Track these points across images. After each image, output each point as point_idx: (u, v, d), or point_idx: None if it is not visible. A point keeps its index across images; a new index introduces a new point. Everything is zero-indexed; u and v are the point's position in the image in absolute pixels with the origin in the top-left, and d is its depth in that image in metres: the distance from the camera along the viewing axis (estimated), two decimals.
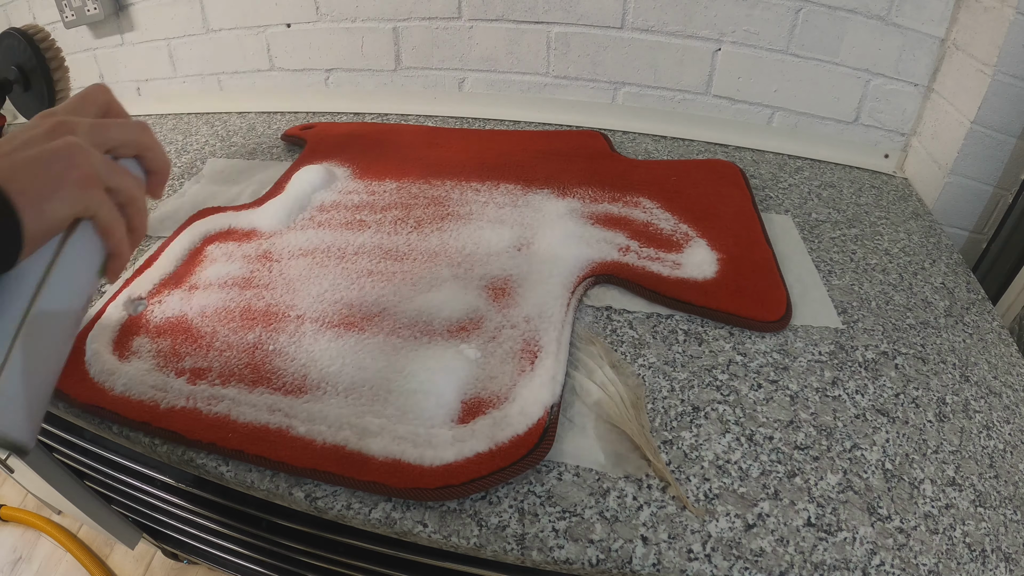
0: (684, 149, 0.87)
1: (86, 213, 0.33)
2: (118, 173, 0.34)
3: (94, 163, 0.33)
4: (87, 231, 0.34)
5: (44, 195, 0.30)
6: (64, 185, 0.31)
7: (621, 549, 0.41)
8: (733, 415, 0.49)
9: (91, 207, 0.33)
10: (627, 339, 0.56)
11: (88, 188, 0.32)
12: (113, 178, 0.34)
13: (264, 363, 0.51)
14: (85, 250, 0.34)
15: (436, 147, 0.84)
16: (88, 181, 0.32)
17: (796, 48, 0.81)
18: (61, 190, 0.31)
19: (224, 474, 0.46)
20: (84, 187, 0.32)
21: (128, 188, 0.35)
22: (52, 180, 0.31)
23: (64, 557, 1.09)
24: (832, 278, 0.64)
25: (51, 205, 0.30)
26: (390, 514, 0.42)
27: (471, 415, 0.47)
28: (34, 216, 0.30)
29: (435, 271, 0.61)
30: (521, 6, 0.87)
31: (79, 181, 0.32)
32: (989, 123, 0.70)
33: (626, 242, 0.64)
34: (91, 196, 0.32)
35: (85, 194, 0.32)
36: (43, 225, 0.30)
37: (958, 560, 0.41)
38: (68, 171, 0.31)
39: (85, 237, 0.34)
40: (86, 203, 0.32)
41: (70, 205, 0.31)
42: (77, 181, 0.31)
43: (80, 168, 0.32)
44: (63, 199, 0.31)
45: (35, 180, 0.30)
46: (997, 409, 0.51)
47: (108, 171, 0.33)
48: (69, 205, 0.31)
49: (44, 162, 0.31)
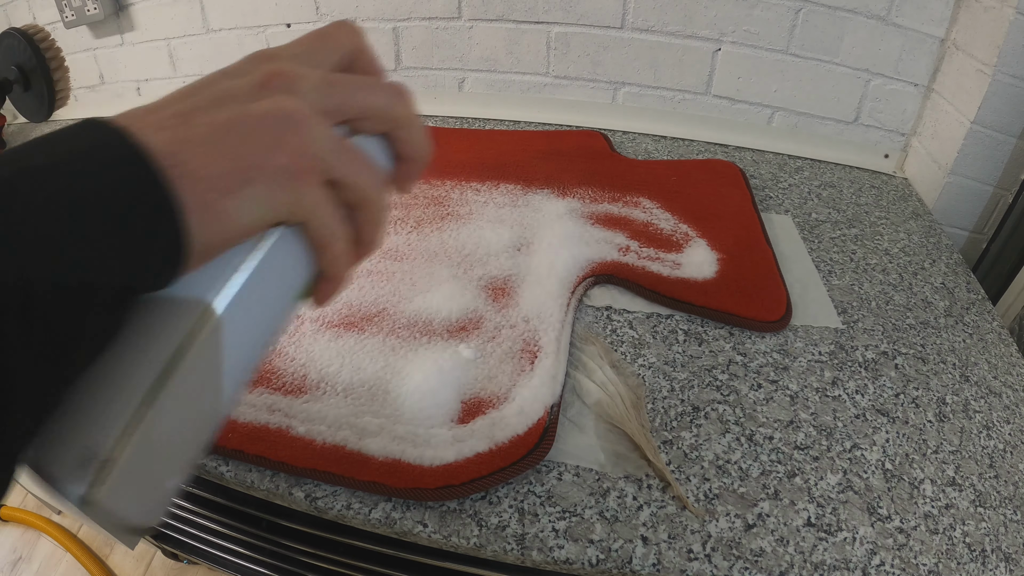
0: (684, 149, 0.87)
1: (292, 218, 0.21)
2: (350, 158, 0.22)
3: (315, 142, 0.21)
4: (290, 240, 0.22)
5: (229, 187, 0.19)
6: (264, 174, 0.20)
7: (621, 549, 0.40)
8: (733, 415, 0.49)
9: (302, 209, 0.21)
10: (627, 339, 0.56)
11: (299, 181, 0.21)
12: (342, 167, 0.22)
13: (263, 363, 0.52)
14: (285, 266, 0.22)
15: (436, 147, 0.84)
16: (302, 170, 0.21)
17: (796, 48, 0.81)
18: (257, 182, 0.20)
19: (224, 474, 0.46)
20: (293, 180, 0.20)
21: (362, 184, 0.22)
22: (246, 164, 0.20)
23: (64, 557, 1.09)
24: (832, 278, 0.64)
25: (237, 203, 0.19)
26: (390, 514, 0.42)
27: (471, 415, 0.47)
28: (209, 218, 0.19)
29: (434, 271, 0.61)
30: (521, 6, 0.87)
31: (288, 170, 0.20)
32: (989, 123, 0.70)
33: (626, 242, 0.64)
34: (303, 193, 0.21)
35: (293, 190, 0.21)
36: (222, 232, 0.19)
37: (958, 560, 0.41)
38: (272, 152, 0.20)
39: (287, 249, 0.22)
40: (295, 203, 0.21)
41: (268, 205, 0.20)
42: (285, 170, 0.20)
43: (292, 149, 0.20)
44: (258, 196, 0.20)
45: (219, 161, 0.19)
46: (997, 409, 0.51)
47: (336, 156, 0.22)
48: (267, 205, 0.20)
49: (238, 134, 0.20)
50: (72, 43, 1.04)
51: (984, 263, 0.71)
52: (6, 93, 0.86)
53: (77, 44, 1.05)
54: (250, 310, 0.22)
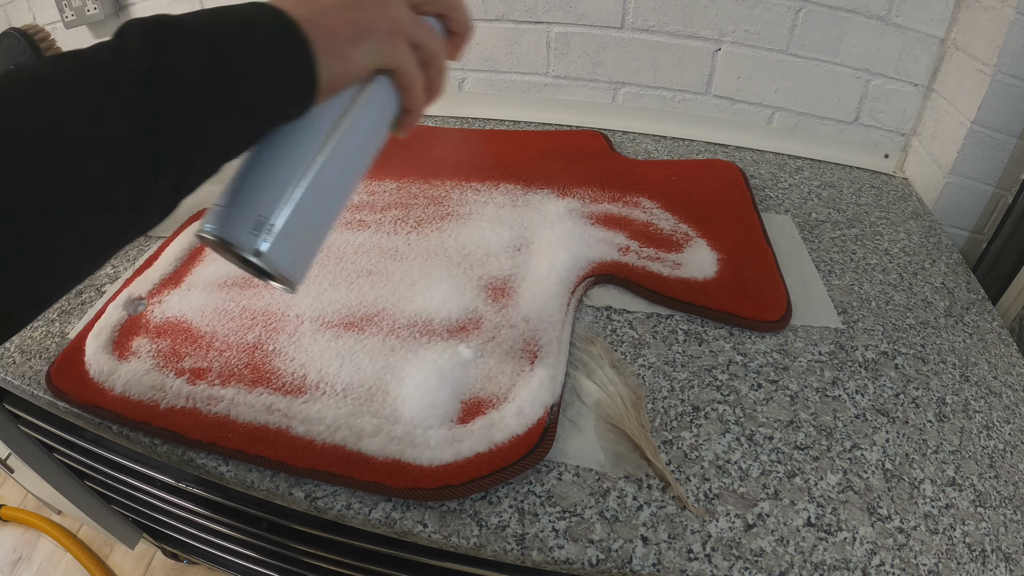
0: (684, 149, 0.87)
1: (389, 65, 0.32)
2: (425, 29, 0.33)
3: (405, 16, 0.32)
4: (385, 84, 0.33)
5: (351, 40, 0.29)
6: (372, 33, 0.30)
7: (621, 549, 0.40)
8: (733, 415, 0.49)
9: (396, 60, 0.32)
10: (627, 339, 0.56)
11: (395, 39, 0.31)
12: (419, 33, 0.32)
13: (263, 363, 0.51)
14: (382, 102, 0.33)
15: (436, 147, 0.84)
16: (396, 32, 0.31)
17: (796, 48, 0.81)
18: (369, 38, 0.30)
19: (224, 474, 0.46)
20: (392, 38, 0.31)
21: (432, 46, 0.33)
22: (361, 26, 0.30)
23: (64, 557, 1.09)
24: (832, 278, 0.64)
25: (356, 51, 0.30)
26: (390, 514, 0.42)
27: (471, 415, 0.47)
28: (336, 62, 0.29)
29: (434, 271, 0.61)
30: (521, 6, 0.87)
31: (388, 32, 0.31)
32: (989, 123, 0.70)
33: (626, 242, 0.64)
34: (397, 48, 0.31)
35: (392, 45, 0.31)
36: (345, 71, 0.30)
37: (958, 560, 0.41)
38: (378, 20, 0.30)
39: (383, 89, 0.33)
40: (392, 55, 0.31)
41: (376, 55, 0.31)
42: (386, 31, 0.31)
43: (390, 18, 0.31)
44: (369, 47, 0.30)
45: (344, 24, 0.29)
46: (997, 409, 0.51)
47: (415, 25, 0.32)
48: (375, 54, 0.30)
49: (355, 7, 0.30)
50: (72, 43, 1.04)
51: (984, 263, 0.71)
52: None
53: (77, 44, 1.05)
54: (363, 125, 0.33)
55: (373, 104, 0.33)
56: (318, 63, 0.28)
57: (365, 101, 0.32)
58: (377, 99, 0.33)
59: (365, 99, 0.32)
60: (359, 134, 0.33)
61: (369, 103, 0.32)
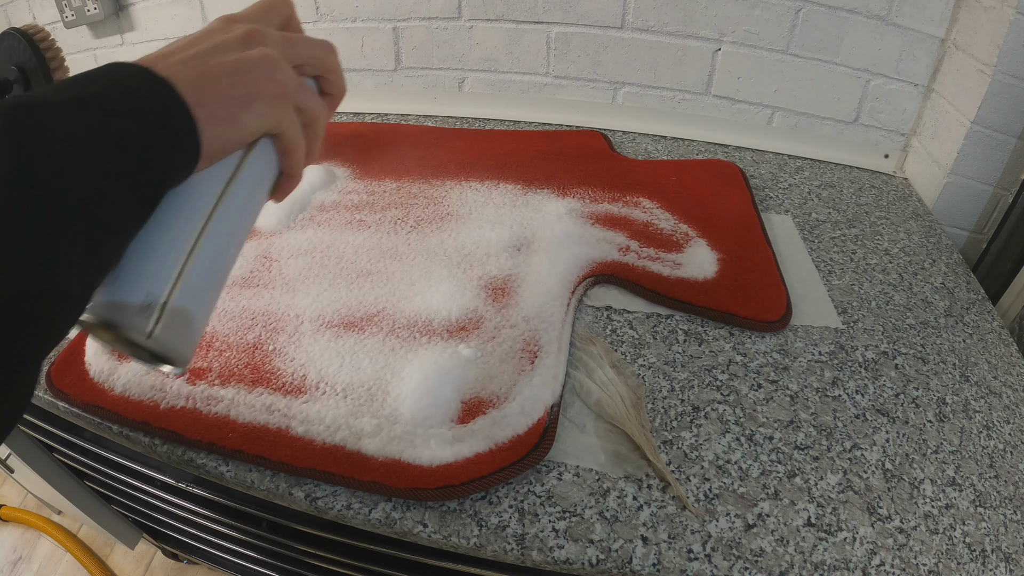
0: (684, 149, 0.87)
1: (274, 130, 0.31)
2: (309, 92, 0.32)
3: (290, 79, 0.31)
4: (267, 148, 0.32)
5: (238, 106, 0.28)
6: (259, 99, 0.29)
7: (621, 549, 0.40)
8: (733, 415, 0.49)
9: (281, 124, 0.31)
10: (627, 339, 0.56)
11: (281, 104, 0.30)
12: (301, 96, 0.32)
13: (263, 363, 0.51)
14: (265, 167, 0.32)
15: (436, 147, 0.84)
16: (282, 97, 0.30)
17: (796, 48, 0.81)
18: (256, 103, 0.29)
19: (224, 474, 0.46)
20: (279, 102, 0.30)
21: (314, 109, 0.33)
22: (248, 92, 0.29)
23: (64, 557, 1.09)
24: (832, 278, 0.64)
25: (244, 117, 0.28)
26: (390, 514, 0.42)
27: (471, 415, 0.47)
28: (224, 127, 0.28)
29: (434, 271, 0.61)
30: (521, 6, 0.87)
31: (275, 96, 0.30)
32: (989, 123, 0.70)
33: (626, 242, 0.64)
34: (283, 113, 0.31)
35: (278, 110, 0.30)
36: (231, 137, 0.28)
37: (958, 560, 0.41)
38: (265, 84, 0.29)
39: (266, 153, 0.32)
40: (277, 119, 0.30)
41: (262, 120, 0.30)
42: (273, 96, 0.30)
43: (276, 83, 0.30)
44: (256, 113, 0.29)
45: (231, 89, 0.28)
46: (997, 409, 0.51)
47: (300, 89, 0.32)
48: (261, 120, 0.29)
49: (243, 71, 0.29)
50: (72, 43, 1.04)
51: (984, 263, 0.71)
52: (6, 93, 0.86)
53: (77, 44, 1.05)
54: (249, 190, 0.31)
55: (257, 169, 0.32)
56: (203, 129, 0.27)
57: (250, 166, 0.31)
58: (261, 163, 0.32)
59: (250, 164, 0.31)
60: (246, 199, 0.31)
61: (254, 168, 0.31)
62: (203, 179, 0.29)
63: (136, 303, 0.27)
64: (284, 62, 0.31)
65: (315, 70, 0.34)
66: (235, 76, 0.28)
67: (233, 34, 0.30)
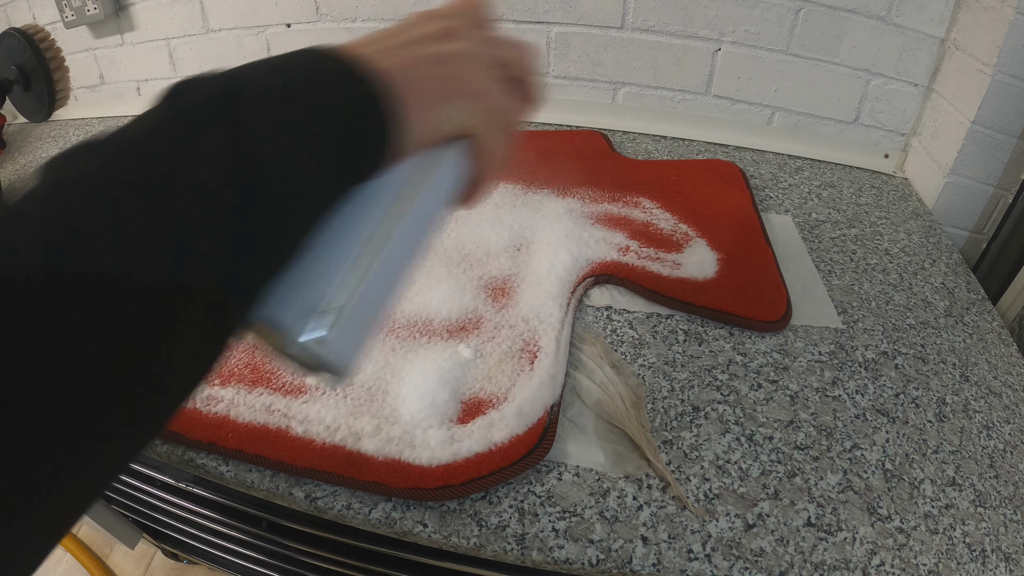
0: (684, 149, 0.87)
1: (472, 129, 0.28)
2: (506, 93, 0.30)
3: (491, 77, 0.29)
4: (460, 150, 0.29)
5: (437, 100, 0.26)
6: (459, 94, 0.27)
7: (621, 549, 0.40)
8: (733, 415, 0.49)
9: (479, 124, 0.28)
10: (627, 339, 0.56)
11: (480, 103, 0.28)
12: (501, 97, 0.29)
13: (263, 363, 0.51)
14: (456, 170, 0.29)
15: None
16: (482, 95, 0.28)
17: (796, 48, 0.81)
18: (455, 99, 0.27)
19: (224, 474, 0.46)
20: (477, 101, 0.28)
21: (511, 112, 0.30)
22: (448, 86, 0.27)
23: (64, 557, 1.09)
24: (832, 278, 0.64)
25: (441, 113, 0.26)
26: (390, 514, 0.42)
27: (470, 415, 0.47)
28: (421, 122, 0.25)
29: (434, 271, 0.61)
30: (521, 6, 0.87)
31: (475, 94, 0.28)
32: (989, 123, 0.70)
33: (626, 242, 0.64)
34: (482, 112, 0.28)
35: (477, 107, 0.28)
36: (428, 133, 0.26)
37: (958, 560, 0.41)
38: (466, 81, 0.27)
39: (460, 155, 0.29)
40: (476, 119, 0.28)
41: (461, 116, 0.27)
42: (473, 93, 0.28)
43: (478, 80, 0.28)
44: (456, 107, 0.27)
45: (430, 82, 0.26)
46: (997, 409, 0.51)
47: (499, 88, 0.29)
48: (460, 117, 0.27)
49: (443, 64, 0.27)
50: (72, 43, 1.04)
51: (984, 263, 0.71)
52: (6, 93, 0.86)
53: (77, 44, 1.05)
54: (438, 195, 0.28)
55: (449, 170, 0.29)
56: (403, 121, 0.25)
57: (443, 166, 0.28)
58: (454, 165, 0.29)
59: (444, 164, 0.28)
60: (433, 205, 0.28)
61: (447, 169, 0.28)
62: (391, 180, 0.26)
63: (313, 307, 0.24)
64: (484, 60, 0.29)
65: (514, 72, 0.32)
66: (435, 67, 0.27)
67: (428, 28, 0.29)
